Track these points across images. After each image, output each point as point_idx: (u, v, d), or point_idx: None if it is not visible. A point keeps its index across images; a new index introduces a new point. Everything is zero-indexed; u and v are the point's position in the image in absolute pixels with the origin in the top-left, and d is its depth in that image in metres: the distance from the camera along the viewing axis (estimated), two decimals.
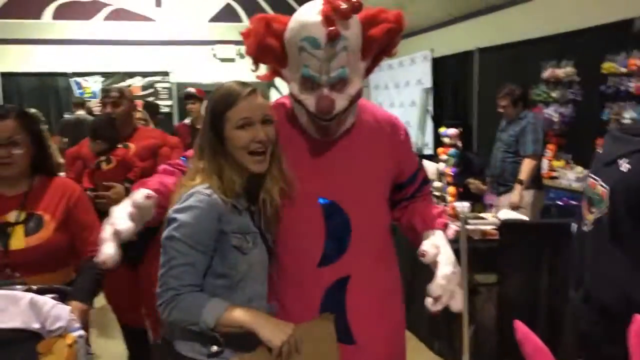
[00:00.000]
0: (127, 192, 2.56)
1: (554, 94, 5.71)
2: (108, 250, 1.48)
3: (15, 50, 9.22)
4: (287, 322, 1.47)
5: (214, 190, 1.49)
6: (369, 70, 1.73)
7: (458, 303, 1.65)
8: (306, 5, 1.58)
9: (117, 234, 1.48)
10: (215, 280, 1.51)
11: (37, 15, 9.34)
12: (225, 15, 10.01)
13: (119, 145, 3.07)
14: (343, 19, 1.51)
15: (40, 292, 1.79)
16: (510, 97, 4.94)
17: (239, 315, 1.42)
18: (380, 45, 1.67)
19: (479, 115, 7.40)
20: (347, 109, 1.62)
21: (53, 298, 1.78)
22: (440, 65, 8.29)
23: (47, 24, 9.40)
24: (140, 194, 1.52)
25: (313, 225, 1.68)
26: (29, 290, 1.77)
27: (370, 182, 1.74)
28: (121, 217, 1.50)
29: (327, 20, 1.49)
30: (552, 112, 5.65)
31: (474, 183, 4.78)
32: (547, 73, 5.81)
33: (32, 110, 7.25)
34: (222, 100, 1.54)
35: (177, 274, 1.45)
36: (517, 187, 4.70)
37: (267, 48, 1.63)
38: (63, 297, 1.88)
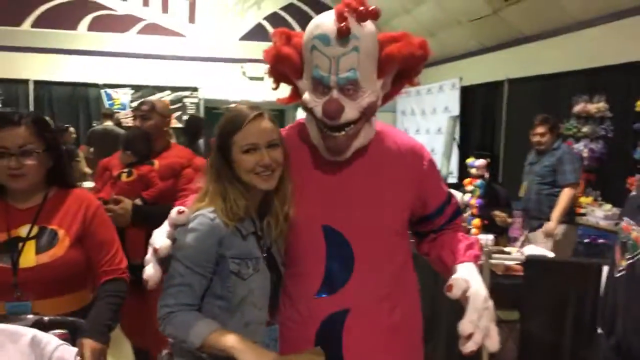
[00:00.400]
0: (137, 210, 2.73)
1: (585, 129, 5.62)
2: (149, 271, 1.58)
3: (50, 59, 9.40)
4: (270, 352, 1.46)
5: (218, 214, 1.52)
6: (388, 96, 1.68)
7: (494, 341, 1.48)
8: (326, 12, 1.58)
9: (155, 252, 1.57)
10: (215, 300, 1.54)
11: (73, 27, 9.54)
12: (256, 34, 10.11)
13: (148, 161, 2.96)
14: (357, 17, 1.50)
15: (51, 325, 1.66)
16: (548, 125, 4.78)
17: (224, 339, 1.43)
18: (400, 67, 1.62)
19: (505, 146, 7.32)
20: (357, 121, 1.56)
21: (63, 334, 1.64)
22: (468, 94, 8.25)
23: (81, 35, 9.59)
24: (174, 211, 1.56)
25: (313, 252, 1.61)
26: (39, 322, 1.63)
27: (381, 212, 1.64)
28: (158, 236, 1.59)
29: (339, 16, 1.48)
30: (582, 148, 5.56)
31: (499, 216, 4.67)
32: (578, 107, 5.73)
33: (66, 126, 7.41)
34: (229, 124, 1.56)
35: (174, 292, 1.50)
36: (555, 215, 4.58)
37: (284, 57, 1.61)
38: (75, 332, 1.74)
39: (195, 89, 10.05)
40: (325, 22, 1.52)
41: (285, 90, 1.76)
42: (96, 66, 9.59)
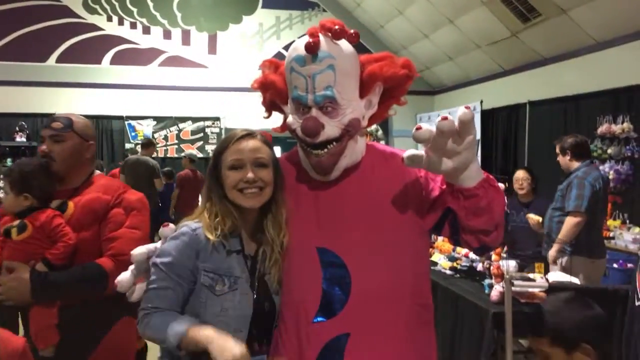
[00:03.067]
0: (39, 279, 1.94)
1: (610, 151, 5.50)
2: (122, 276, 1.66)
3: (74, 93, 9.60)
4: (239, 345, 1.38)
5: (204, 226, 1.54)
6: (377, 116, 1.67)
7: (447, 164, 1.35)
8: None
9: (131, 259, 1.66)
10: (193, 315, 1.53)
11: (97, 61, 9.75)
12: None
13: (60, 204, 2.13)
14: (332, 36, 1.52)
15: None
16: (560, 146, 4.49)
17: (197, 333, 1.42)
18: (385, 86, 1.61)
19: None
20: (340, 139, 1.54)
21: None
22: (489, 117, 8.17)
23: (105, 69, 9.79)
24: (161, 230, 1.63)
25: (309, 275, 1.56)
26: None
27: (377, 230, 1.57)
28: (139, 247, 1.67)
29: (311, 35, 1.51)
30: (607, 169, 5.42)
31: (533, 219, 4.47)
32: (602, 128, 5.62)
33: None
34: (220, 144, 1.62)
35: (152, 296, 1.52)
36: (555, 245, 4.28)
37: (270, 83, 1.66)
38: None
39: (217, 119, 10.15)
40: (300, 44, 1.54)
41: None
42: (119, 99, 9.76)
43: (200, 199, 1.69)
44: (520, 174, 4.77)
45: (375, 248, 1.56)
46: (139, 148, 7.91)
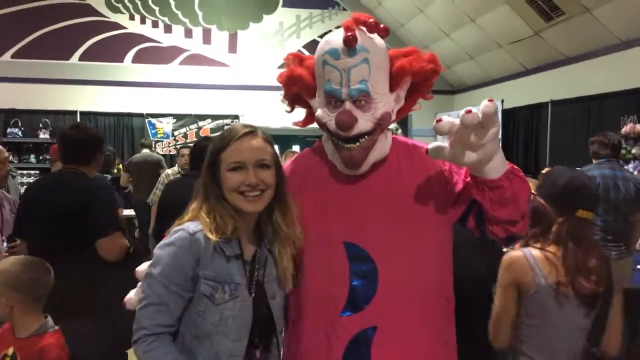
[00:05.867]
0: None
1: (634, 150, 5.42)
2: (130, 294, 1.61)
3: (96, 91, 9.71)
4: None
5: (204, 227, 1.44)
6: (403, 110, 1.67)
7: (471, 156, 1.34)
8: None
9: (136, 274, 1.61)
10: (186, 327, 1.45)
11: (119, 59, 9.85)
12: None
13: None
14: (367, 29, 1.52)
15: None
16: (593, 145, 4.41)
17: None
18: (412, 82, 1.61)
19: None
20: (372, 133, 1.54)
21: None
22: (510, 117, 8.10)
23: (127, 67, 9.89)
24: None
25: (336, 270, 1.57)
26: None
27: (404, 224, 1.58)
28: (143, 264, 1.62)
29: (347, 28, 1.50)
30: (631, 169, 5.34)
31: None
32: (626, 128, 5.54)
33: (109, 148, 7.60)
34: (219, 141, 1.51)
35: (150, 313, 1.40)
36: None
37: (297, 77, 1.65)
38: None
39: (236, 117, 10.20)
40: (334, 38, 1.54)
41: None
42: (140, 97, 9.86)
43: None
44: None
45: (402, 242, 1.57)
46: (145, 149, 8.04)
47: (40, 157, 9.28)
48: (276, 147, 1.77)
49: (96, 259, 2.51)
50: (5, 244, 2.84)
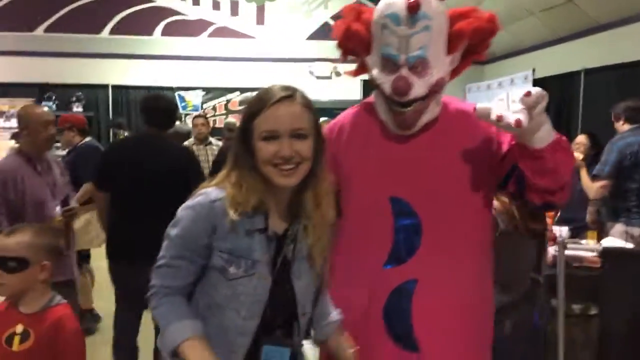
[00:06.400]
0: None
1: None
2: None
3: (127, 65, 9.83)
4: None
5: (226, 199, 1.34)
6: (456, 71, 1.68)
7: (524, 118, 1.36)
8: None
9: None
10: (200, 295, 1.41)
11: (149, 32, 9.93)
12: (323, 33, 10.18)
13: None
14: None
15: None
16: (615, 114, 4.48)
17: (189, 350, 1.28)
18: (469, 42, 1.62)
19: None
20: (425, 97, 1.56)
21: None
22: (541, 86, 7.93)
23: (156, 40, 9.95)
24: None
25: (381, 223, 1.62)
26: None
27: (450, 183, 1.62)
28: None
29: None
30: None
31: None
32: None
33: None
34: (253, 105, 1.37)
35: (161, 273, 1.38)
36: (589, 208, 4.33)
37: (353, 33, 1.65)
38: None
39: None
40: (396, 1, 1.53)
41: (346, 86, 1.79)
42: (170, 70, 9.94)
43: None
44: (578, 139, 4.77)
45: (447, 199, 1.62)
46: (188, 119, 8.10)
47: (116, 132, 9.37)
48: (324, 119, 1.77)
49: None
50: (58, 207, 2.92)
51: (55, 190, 2.96)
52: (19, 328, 1.85)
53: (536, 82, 7.89)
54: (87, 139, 4.91)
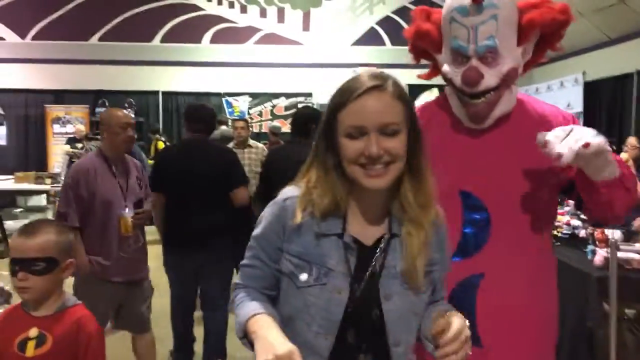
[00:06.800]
0: None
1: None
2: None
3: (176, 72, 10.12)
4: (291, 345, 1.05)
5: (298, 197, 1.23)
6: (530, 63, 1.68)
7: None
8: None
9: None
10: (279, 302, 1.27)
11: (198, 40, 10.18)
12: (368, 38, 10.23)
13: None
14: None
15: None
16: None
17: (254, 325, 1.12)
18: (541, 33, 1.61)
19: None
20: (497, 88, 1.56)
21: None
22: (592, 89, 7.80)
23: (205, 48, 10.21)
24: None
25: (450, 216, 1.62)
26: None
27: (521, 180, 1.62)
28: None
29: None
30: None
31: None
32: None
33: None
34: (337, 96, 1.20)
35: (243, 272, 1.29)
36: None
37: (424, 32, 1.67)
38: None
39: (309, 94, 10.34)
40: None
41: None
42: (217, 76, 10.17)
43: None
44: (629, 140, 4.71)
45: (517, 196, 1.62)
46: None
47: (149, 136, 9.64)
48: None
49: (229, 205, 3.39)
50: (128, 209, 3.02)
51: (127, 192, 3.07)
52: (34, 332, 1.71)
53: (587, 85, 7.73)
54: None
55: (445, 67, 1.62)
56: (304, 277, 1.19)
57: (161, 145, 8.49)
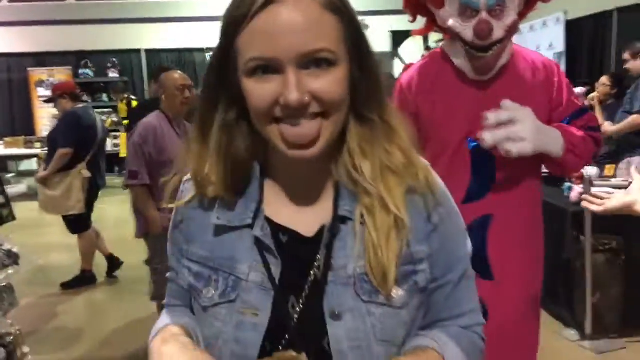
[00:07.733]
0: None
1: None
2: None
3: (158, 28, 9.99)
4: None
5: (192, 173, 0.86)
6: (521, 14, 1.74)
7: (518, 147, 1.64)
8: None
9: None
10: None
11: None
12: None
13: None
14: None
15: None
16: (631, 51, 4.73)
17: (156, 348, 0.78)
18: None
19: None
20: (503, 40, 1.64)
21: None
22: (574, 28, 7.81)
23: (186, 3, 10.05)
24: None
25: (459, 164, 1.75)
26: None
27: None
28: None
29: None
30: None
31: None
32: None
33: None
34: (232, 9, 0.78)
35: (168, 289, 0.96)
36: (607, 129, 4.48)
37: None
38: None
39: None
40: None
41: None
42: (200, 31, 10.03)
43: None
44: (602, 79, 4.93)
45: None
46: None
47: (112, 96, 9.71)
48: None
49: None
50: None
51: None
52: None
53: (569, 24, 7.74)
54: (79, 105, 4.77)
55: (452, 22, 1.67)
56: (208, 292, 0.81)
57: (135, 104, 8.45)
